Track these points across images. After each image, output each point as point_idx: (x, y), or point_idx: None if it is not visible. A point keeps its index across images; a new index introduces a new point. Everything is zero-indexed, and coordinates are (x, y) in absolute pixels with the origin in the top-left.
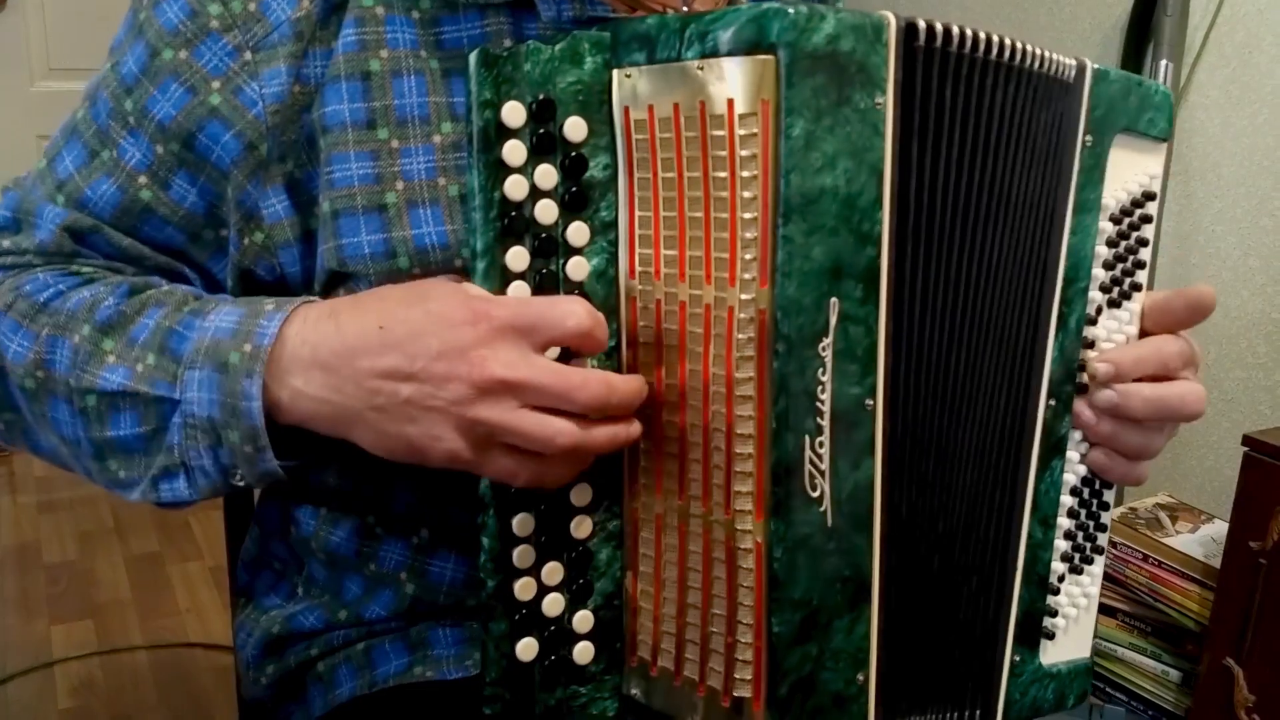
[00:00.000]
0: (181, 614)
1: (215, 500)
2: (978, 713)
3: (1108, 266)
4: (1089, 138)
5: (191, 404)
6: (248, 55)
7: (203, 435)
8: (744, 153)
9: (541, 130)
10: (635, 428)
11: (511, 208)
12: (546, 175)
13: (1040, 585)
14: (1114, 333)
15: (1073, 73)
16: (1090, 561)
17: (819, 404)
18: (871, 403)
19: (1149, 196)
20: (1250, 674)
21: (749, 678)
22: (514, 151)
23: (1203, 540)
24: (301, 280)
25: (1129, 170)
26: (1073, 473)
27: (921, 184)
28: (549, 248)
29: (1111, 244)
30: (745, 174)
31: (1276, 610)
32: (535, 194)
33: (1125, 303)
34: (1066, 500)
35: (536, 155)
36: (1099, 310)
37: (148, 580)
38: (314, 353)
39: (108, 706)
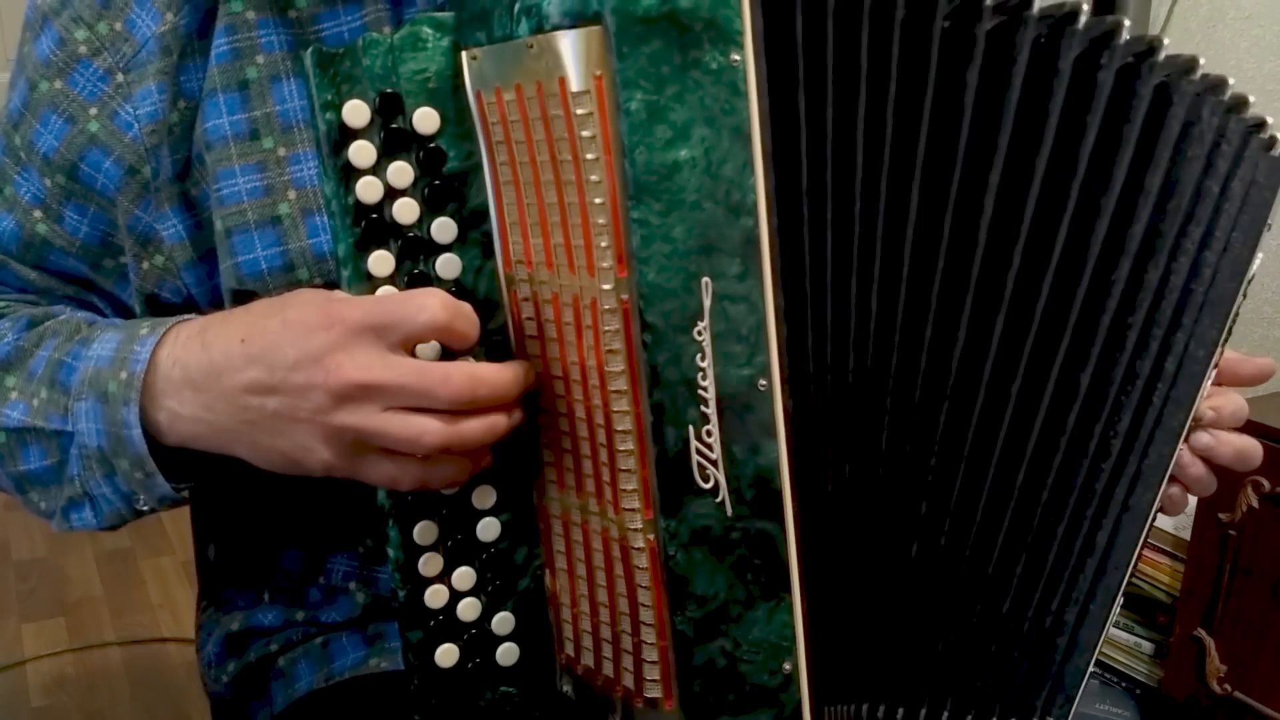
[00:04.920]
0: (154, 609)
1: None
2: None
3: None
4: (1271, 224)
5: (83, 435)
6: (120, 77)
7: (98, 465)
8: (584, 134)
9: (392, 126)
10: (516, 415)
11: (368, 211)
12: (401, 173)
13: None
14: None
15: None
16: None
17: (701, 391)
18: (766, 383)
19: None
20: (1221, 644)
21: (657, 678)
22: (361, 153)
23: None
24: (209, 300)
25: None
26: None
27: (821, 139)
28: (414, 248)
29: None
30: (588, 156)
31: (1246, 581)
32: (392, 194)
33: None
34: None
35: (388, 154)
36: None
37: (119, 576)
38: (184, 372)
39: (81, 704)
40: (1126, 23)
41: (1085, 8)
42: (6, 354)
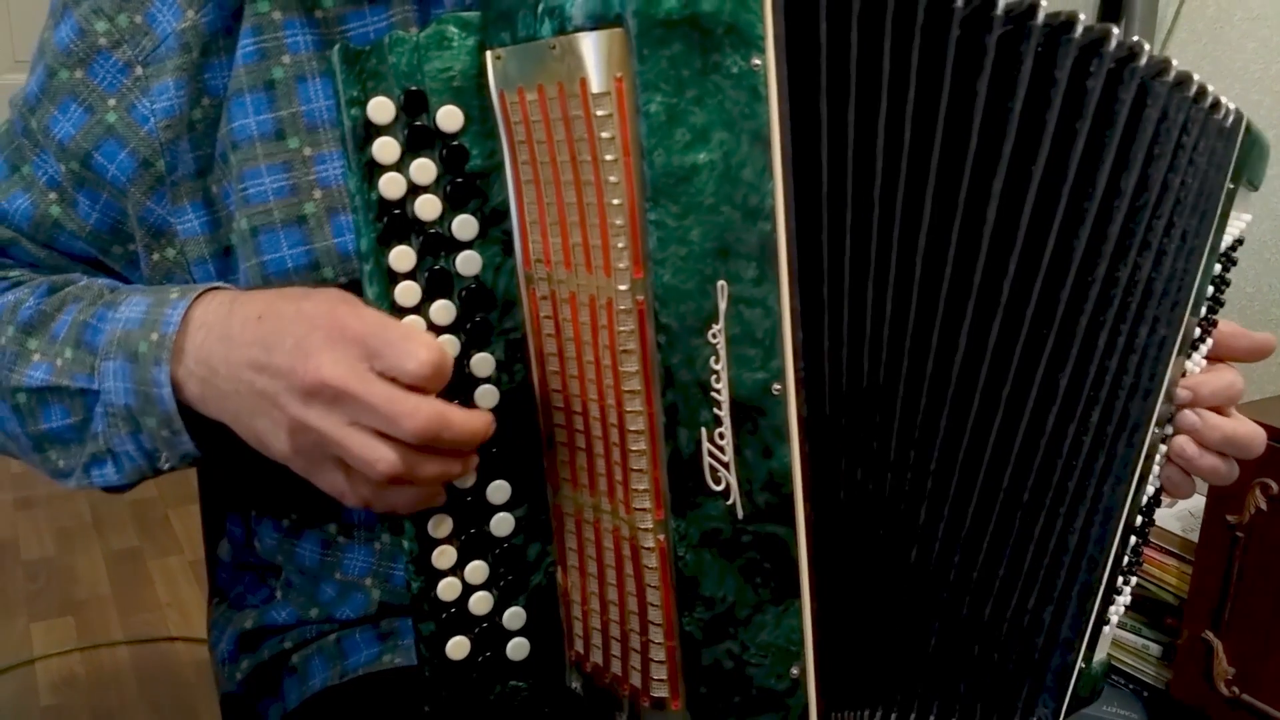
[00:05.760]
0: (162, 608)
1: (193, 494)
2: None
3: (1207, 304)
4: (1231, 185)
5: (110, 393)
6: (139, 70)
7: (123, 423)
8: (603, 135)
9: (416, 123)
10: (471, 464)
11: (390, 207)
12: (424, 170)
13: (1108, 600)
14: (1194, 364)
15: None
16: (1134, 573)
17: (714, 394)
18: (780, 387)
19: (1239, 242)
20: (1229, 646)
21: (664, 677)
22: (385, 149)
23: (1180, 515)
24: None
25: (1233, 217)
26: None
27: (842, 145)
28: (436, 244)
29: (1213, 284)
30: (607, 157)
31: (1254, 583)
32: (414, 190)
33: (1207, 339)
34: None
35: (412, 150)
36: (1194, 345)
37: (127, 575)
38: (206, 337)
39: (90, 703)
40: (1116, 30)
41: (1083, 17)
42: (29, 318)
